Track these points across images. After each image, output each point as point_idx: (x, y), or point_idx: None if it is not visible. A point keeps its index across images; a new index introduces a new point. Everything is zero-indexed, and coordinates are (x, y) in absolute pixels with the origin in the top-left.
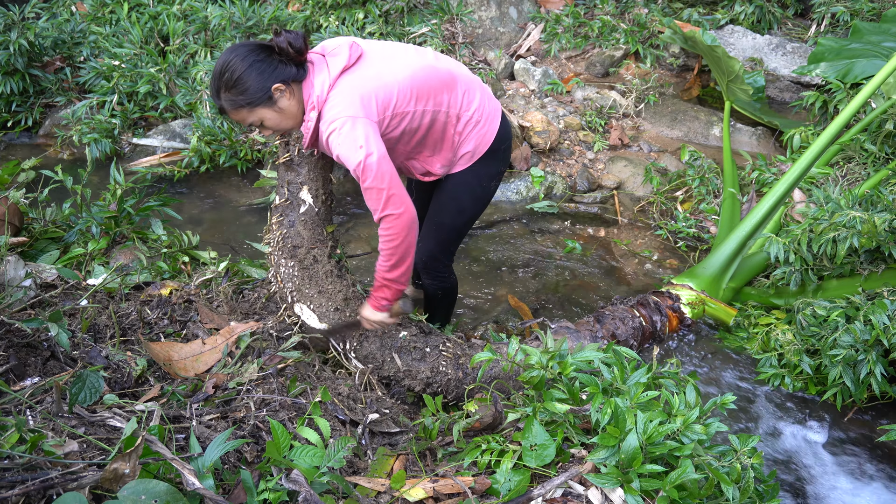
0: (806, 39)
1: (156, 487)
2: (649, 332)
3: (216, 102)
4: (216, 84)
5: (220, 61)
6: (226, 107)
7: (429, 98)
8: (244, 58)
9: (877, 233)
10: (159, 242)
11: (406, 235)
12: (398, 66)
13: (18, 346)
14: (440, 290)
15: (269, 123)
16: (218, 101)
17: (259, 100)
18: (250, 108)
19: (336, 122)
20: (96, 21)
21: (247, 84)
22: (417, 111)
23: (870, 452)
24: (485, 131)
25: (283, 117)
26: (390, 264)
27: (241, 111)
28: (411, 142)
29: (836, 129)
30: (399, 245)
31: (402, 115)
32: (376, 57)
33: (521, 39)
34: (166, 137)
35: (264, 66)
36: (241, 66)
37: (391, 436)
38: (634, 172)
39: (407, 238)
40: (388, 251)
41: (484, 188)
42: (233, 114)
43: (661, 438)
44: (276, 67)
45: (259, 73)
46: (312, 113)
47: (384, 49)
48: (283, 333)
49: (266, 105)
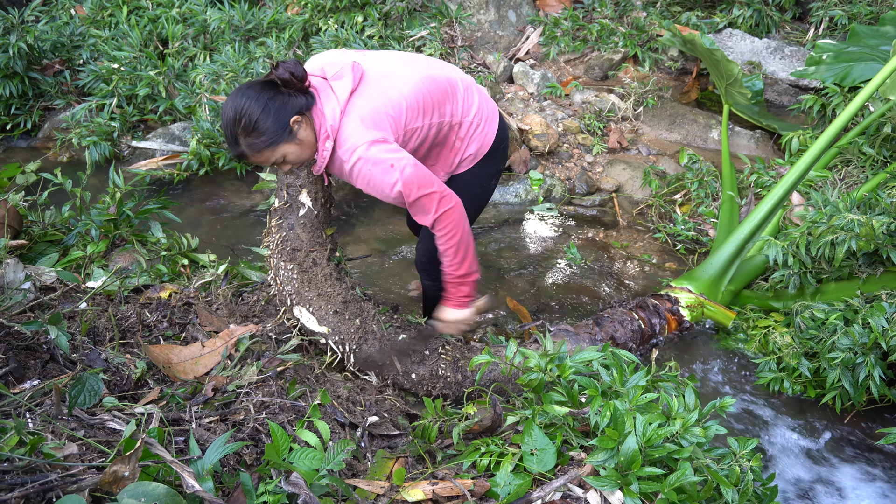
0: (804, 43)
1: (155, 490)
2: (648, 334)
3: (234, 151)
4: (232, 131)
5: (230, 108)
6: (247, 152)
7: (434, 110)
8: (257, 99)
9: (875, 236)
10: (158, 245)
11: (464, 224)
12: (401, 81)
13: (18, 349)
14: (440, 291)
15: (291, 158)
16: (237, 148)
17: (280, 137)
18: (272, 147)
19: (359, 151)
20: (95, 24)
21: (266, 125)
22: (425, 125)
23: (868, 455)
24: (485, 133)
25: (303, 149)
26: (459, 260)
27: (264, 153)
28: (418, 154)
29: (834, 132)
30: (462, 238)
31: (413, 132)
32: (377, 74)
33: (520, 43)
34: (165, 140)
35: (277, 103)
36: (257, 108)
37: (390, 438)
38: (633, 175)
39: (465, 226)
40: (452, 248)
41: (484, 188)
42: (255, 157)
43: (660, 441)
44: (287, 101)
45: (276, 112)
46: (328, 143)
47: (382, 63)
48: (282, 336)
49: (287, 140)
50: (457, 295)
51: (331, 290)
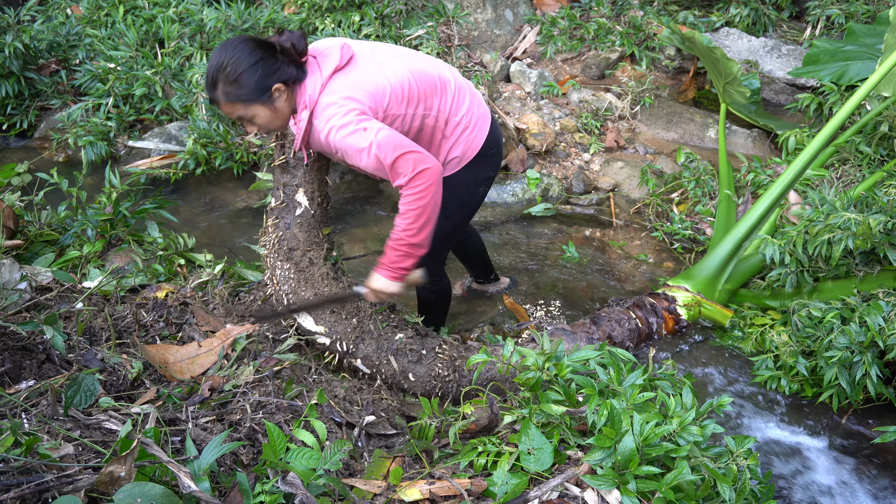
0: (801, 42)
1: (152, 490)
2: (645, 333)
3: (209, 93)
4: (214, 75)
5: (221, 53)
6: (220, 99)
7: (419, 102)
8: (250, 53)
9: (872, 234)
10: (155, 245)
11: (436, 189)
12: (389, 68)
13: (14, 349)
14: (433, 294)
15: (260, 121)
16: (213, 91)
17: (257, 97)
18: (246, 104)
19: (334, 118)
20: (92, 24)
21: (249, 81)
22: (408, 114)
23: (865, 454)
24: (473, 136)
25: (274, 117)
26: (418, 226)
27: (236, 105)
28: None
29: (831, 131)
30: (429, 202)
31: (394, 118)
32: (367, 59)
33: (517, 42)
34: (162, 140)
35: (267, 65)
36: (246, 62)
37: (387, 438)
38: (630, 174)
39: (437, 193)
40: (417, 211)
41: (470, 194)
42: (225, 106)
43: (657, 440)
44: (279, 67)
45: (263, 72)
46: (304, 112)
47: (375, 51)
48: (279, 336)
49: (262, 103)
50: (397, 265)
51: (328, 289)
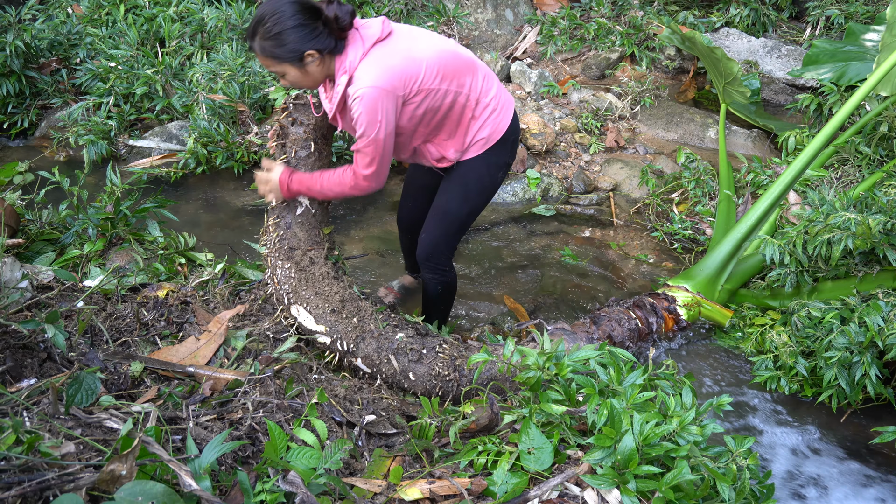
0: (801, 42)
1: (152, 489)
2: (645, 333)
3: (248, 41)
4: (255, 27)
5: (270, 7)
6: (256, 49)
7: (453, 78)
8: (292, 15)
9: (871, 235)
10: (156, 244)
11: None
12: (425, 45)
13: (15, 348)
14: (441, 285)
15: (290, 79)
16: (251, 41)
17: (290, 59)
18: (278, 61)
19: (362, 90)
20: (92, 23)
21: (285, 41)
22: (441, 89)
23: (865, 454)
24: (500, 119)
25: (304, 79)
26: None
27: (269, 60)
28: (432, 122)
29: (831, 131)
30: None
31: (427, 92)
32: (405, 35)
33: (518, 42)
34: (163, 139)
35: (308, 30)
36: (288, 22)
37: (388, 437)
38: (630, 174)
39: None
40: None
41: (492, 177)
42: (260, 58)
43: (657, 440)
44: (317, 35)
45: (301, 36)
46: (343, 77)
47: (412, 30)
48: (279, 335)
49: (294, 64)
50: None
51: (328, 288)
